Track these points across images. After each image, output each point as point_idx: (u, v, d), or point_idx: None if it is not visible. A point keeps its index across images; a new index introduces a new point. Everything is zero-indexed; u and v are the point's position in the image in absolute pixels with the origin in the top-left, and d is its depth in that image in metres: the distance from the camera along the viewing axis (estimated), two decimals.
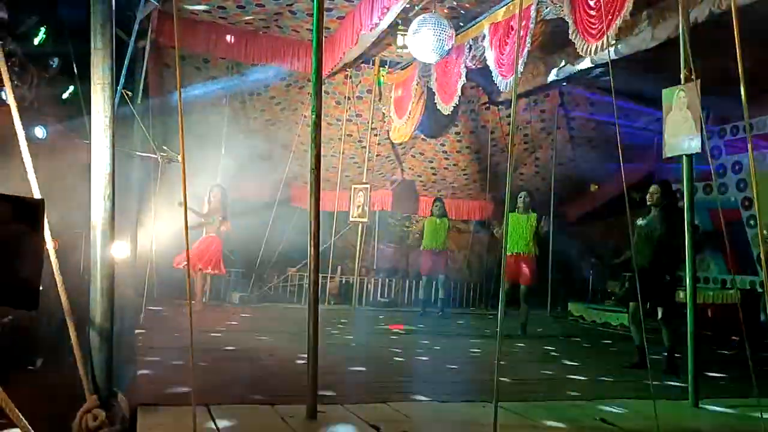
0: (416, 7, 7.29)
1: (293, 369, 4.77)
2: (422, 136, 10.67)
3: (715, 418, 4.18)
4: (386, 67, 9.81)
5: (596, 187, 11.38)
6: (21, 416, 2.36)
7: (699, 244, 5.72)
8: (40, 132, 6.53)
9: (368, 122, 10.33)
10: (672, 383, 5.09)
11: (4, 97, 5.24)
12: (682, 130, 4.46)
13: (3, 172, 4.02)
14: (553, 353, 6.71)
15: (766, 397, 3.39)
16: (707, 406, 4.34)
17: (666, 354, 5.74)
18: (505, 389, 4.27)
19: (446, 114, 8.68)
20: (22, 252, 2.14)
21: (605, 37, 5.34)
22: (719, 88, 5.19)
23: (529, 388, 4.72)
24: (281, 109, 10.13)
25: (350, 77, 9.85)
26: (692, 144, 4.38)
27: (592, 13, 5.65)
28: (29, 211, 2.20)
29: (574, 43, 5.96)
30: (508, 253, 7.59)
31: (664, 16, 6.03)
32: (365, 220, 10.27)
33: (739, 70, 3.15)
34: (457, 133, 10.90)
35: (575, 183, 11.82)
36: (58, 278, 2.85)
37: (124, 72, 7.01)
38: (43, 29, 6.60)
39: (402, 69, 9.63)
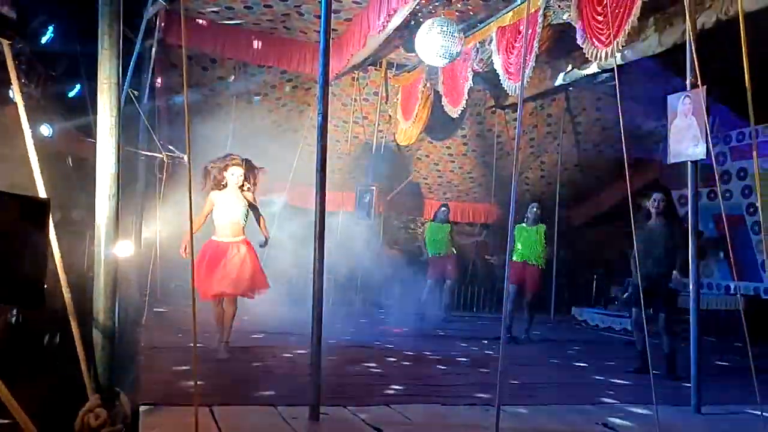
0: (424, 10, 7.29)
1: (296, 370, 4.77)
2: (428, 138, 10.67)
3: (717, 424, 4.17)
4: (393, 69, 9.82)
5: None
6: (24, 414, 2.37)
7: (703, 250, 5.72)
8: (46, 130, 6.57)
9: (375, 124, 10.34)
10: (674, 389, 5.08)
11: (11, 96, 5.27)
12: (686, 136, 4.45)
13: (8, 170, 4.04)
14: (556, 357, 6.70)
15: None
16: (709, 412, 4.33)
17: (666, 359, 5.73)
18: (507, 393, 4.27)
19: (453, 117, 8.68)
20: (28, 251, 2.15)
21: (614, 42, 5.33)
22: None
23: (531, 392, 4.71)
24: (288, 111, 10.15)
25: (357, 79, 9.86)
26: (697, 150, 4.37)
27: (600, 18, 5.64)
28: (35, 211, 2.22)
29: (580, 47, 5.96)
30: (516, 261, 7.58)
31: (671, 22, 6.03)
32: (370, 221, 10.25)
33: (746, 76, 3.15)
34: (464, 137, 10.89)
35: (581, 187, 11.79)
36: (62, 277, 2.87)
37: (130, 71, 7.03)
38: (50, 28, 6.63)
39: (409, 71, 9.64)
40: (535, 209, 7.83)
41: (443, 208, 9.87)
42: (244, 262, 5.42)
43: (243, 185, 5.58)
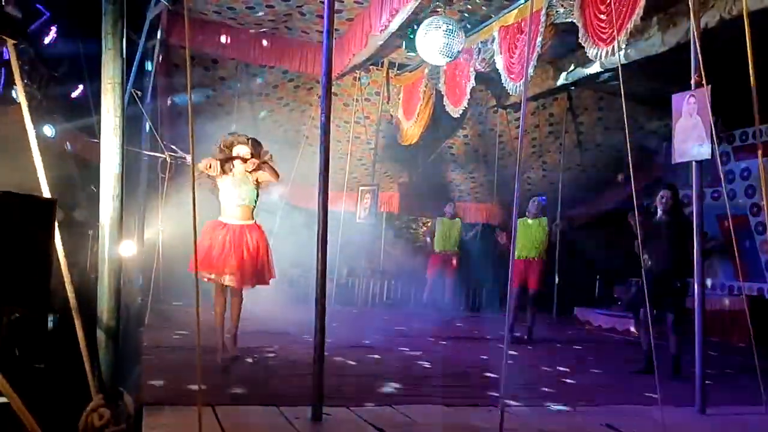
0: (426, 10, 7.29)
1: (298, 370, 4.76)
2: (430, 138, 10.66)
3: (722, 425, 4.16)
4: (395, 69, 9.81)
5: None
6: (28, 413, 2.37)
7: (706, 251, 5.69)
8: (49, 131, 6.57)
9: (376, 124, 10.33)
10: (679, 389, 5.06)
11: (15, 96, 5.27)
12: (691, 136, 4.44)
13: (14, 170, 4.04)
14: (559, 357, 6.68)
15: None
16: (714, 413, 4.32)
17: (672, 360, 5.72)
18: (510, 393, 4.26)
19: (455, 117, 8.68)
20: (33, 251, 2.14)
21: (615, 41, 5.33)
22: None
23: (534, 393, 4.69)
24: (290, 111, 10.15)
25: (359, 79, 9.86)
26: (702, 150, 4.35)
27: (602, 17, 5.63)
28: (40, 211, 2.21)
29: (583, 47, 5.95)
30: (517, 258, 7.53)
31: (675, 21, 6.02)
32: (372, 220, 10.27)
33: (751, 75, 3.14)
34: (465, 136, 10.89)
35: (583, 188, 11.77)
36: (66, 277, 2.87)
37: (133, 72, 7.05)
38: (54, 28, 6.64)
39: (411, 71, 9.63)
40: (537, 202, 7.79)
41: (450, 203, 9.93)
42: (258, 252, 5.07)
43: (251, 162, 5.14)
